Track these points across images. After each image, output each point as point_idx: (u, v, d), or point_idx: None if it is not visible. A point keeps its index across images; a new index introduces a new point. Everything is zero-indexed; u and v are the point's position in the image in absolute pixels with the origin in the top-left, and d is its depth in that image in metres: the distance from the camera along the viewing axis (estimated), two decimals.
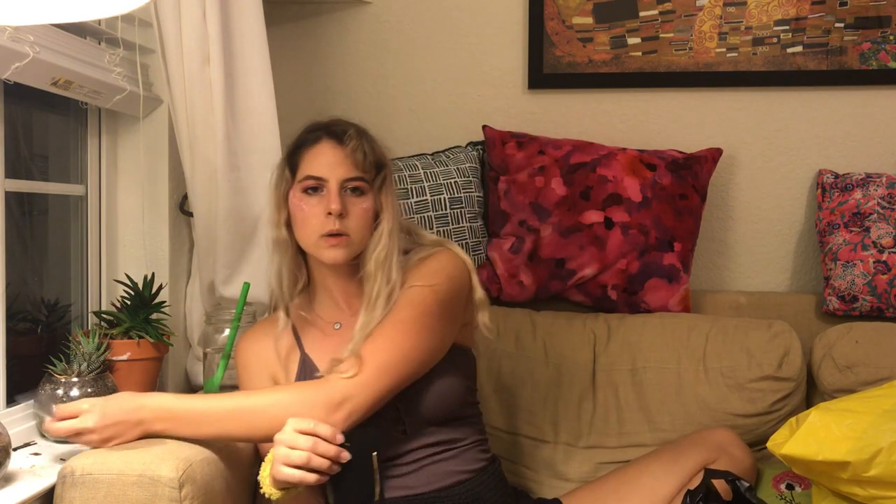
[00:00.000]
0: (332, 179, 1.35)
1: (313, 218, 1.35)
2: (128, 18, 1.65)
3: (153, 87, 1.74)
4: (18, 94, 1.46)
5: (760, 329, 1.82)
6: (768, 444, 1.43)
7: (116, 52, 1.62)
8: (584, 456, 1.78)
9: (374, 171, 1.38)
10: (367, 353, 1.29)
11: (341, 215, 1.34)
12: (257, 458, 1.59)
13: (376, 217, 1.39)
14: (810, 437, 1.33)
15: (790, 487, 1.62)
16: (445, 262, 1.41)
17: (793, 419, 1.42)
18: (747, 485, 1.37)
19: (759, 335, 1.80)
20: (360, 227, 1.36)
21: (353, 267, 1.41)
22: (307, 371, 1.43)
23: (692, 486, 1.40)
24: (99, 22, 1.61)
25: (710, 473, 1.38)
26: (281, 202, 1.41)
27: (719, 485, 1.38)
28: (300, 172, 1.38)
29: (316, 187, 1.36)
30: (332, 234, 1.34)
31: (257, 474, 1.27)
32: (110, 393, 1.48)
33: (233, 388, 1.62)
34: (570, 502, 1.53)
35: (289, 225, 1.41)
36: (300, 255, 1.45)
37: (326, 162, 1.36)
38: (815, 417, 1.36)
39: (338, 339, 1.42)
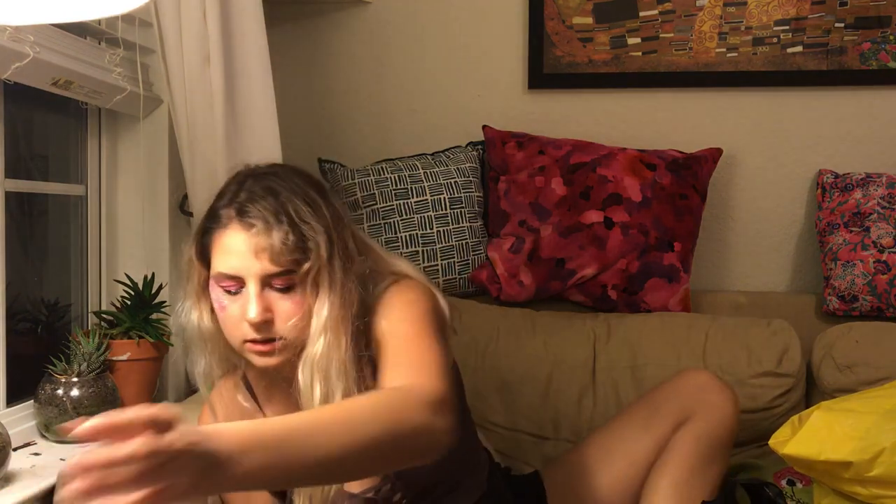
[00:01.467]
0: (248, 278, 1.07)
1: (233, 321, 1.10)
2: (128, 18, 1.65)
3: (153, 87, 1.74)
4: (19, 94, 1.46)
5: (760, 327, 1.82)
6: (770, 442, 1.43)
7: (116, 52, 1.62)
8: None
9: (301, 255, 1.08)
10: (410, 364, 1.03)
11: (266, 322, 1.08)
12: None
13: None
14: (813, 437, 1.34)
15: (791, 483, 1.62)
16: (407, 289, 1.15)
17: (794, 417, 1.43)
18: (778, 490, 1.36)
19: (758, 332, 1.81)
20: (292, 327, 1.08)
21: None
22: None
23: (663, 432, 1.39)
24: (99, 22, 1.61)
25: (732, 485, 1.37)
26: (200, 293, 1.15)
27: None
28: (213, 265, 1.11)
29: (233, 289, 1.09)
30: (255, 342, 1.09)
31: None
32: (110, 393, 1.48)
33: None
34: (551, 474, 1.46)
35: (215, 315, 1.15)
36: None
37: (239, 255, 1.07)
38: (817, 417, 1.36)
39: None
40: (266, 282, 1.07)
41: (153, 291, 1.62)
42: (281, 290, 1.08)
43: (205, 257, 1.13)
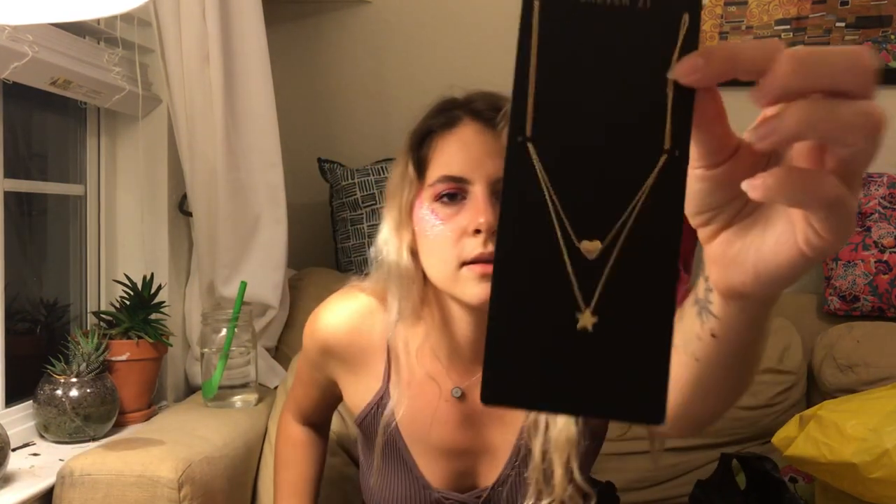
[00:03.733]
0: (478, 181, 0.92)
1: (451, 238, 0.92)
2: (127, 18, 1.65)
3: (152, 86, 1.74)
4: (17, 93, 1.46)
5: None
6: (774, 440, 1.43)
7: (115, 52, 1.62)
8: None
9: None
10: None
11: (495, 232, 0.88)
12: (256, 460, 1.59)
13: None
14: (816, 439, 1.34)
15: (793, 481, 1.62)
16: None
17: (798, 416, 1.43)
18: (773, 463, 1.35)
19: None
20: None
21: None
22: (391, 447, 1.06)
23: None
24: (98, 21, 1.60)
25: (726, 457, 1.36)
26: (404, 217, 0.98)
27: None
28: (431, 172, 0.96)
29: (454, 193, 0.93)
30: (479, 261, 0.90)
31: (255, 476, 1.25)
32: (109, 394, 1.48)
33: (231, 388, 1.62)
34: None
35: (414, 250, 0.99)
36: (426, 286, 1.01)
37: (470, 155, 0.94)
38: (820, 418, 1.36)
39: (451, 412, 1.04)
40: (496, 188, 0.92)
41: (152, 291, 1.62)
42: None
43: (419, 168, 0.98)
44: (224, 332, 1.62)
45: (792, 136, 0.37)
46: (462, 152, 0.95)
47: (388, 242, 1.00)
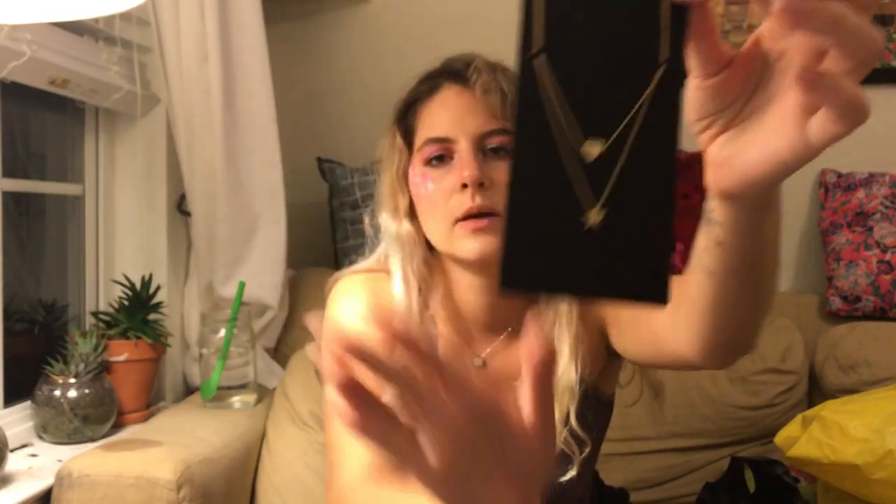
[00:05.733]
0: (461, 138, 0.95)
1: (441, 197, 0.94)
2: (126, 17, 1.64)
3: (151, 85, 1.73)
4: (16, 93, 1.45)
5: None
6: (776, 441, 1.43)
7: (114, 51, 1.61)
8: None
9: None
10: None
11: (482, 185, 0.92)
12: (255, 461, 1.58)
13: None
14: (819, 440, 1.33)
15: (796, 481, 1.61)
16: None
17: (800, 416, 1.42)
18: (784, 468, 1.34)
19: None
20: None
21: None
22: None
23: None
24: (96, 20, 1.60)
25: (736, 461, 1.34)
26: (398, 184, 1.01)
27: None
28: (419, 138, 0.99)
29: (441, 155, 0.96)
30: (471, 216, 0.92)
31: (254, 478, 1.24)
32: (108, 394, 1.47)
33: (230, 389, 1.62)
34: None
35: (413, 214, 1.01)
36: (433, 255, 1.03)
37: (451, 115, 0.96)
38: (823, 419, 1.35)
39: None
40: (480, 144, 0.95)
41: (151, 292, 1.61)
42: (496, 150, 0.95)
43: (407, 137, 1.02)
44: (223, 332, 1.61)
45: (820, 28, 0.39)
46: (444, 113, 0.97)
47: (385, 209, 1.02)
